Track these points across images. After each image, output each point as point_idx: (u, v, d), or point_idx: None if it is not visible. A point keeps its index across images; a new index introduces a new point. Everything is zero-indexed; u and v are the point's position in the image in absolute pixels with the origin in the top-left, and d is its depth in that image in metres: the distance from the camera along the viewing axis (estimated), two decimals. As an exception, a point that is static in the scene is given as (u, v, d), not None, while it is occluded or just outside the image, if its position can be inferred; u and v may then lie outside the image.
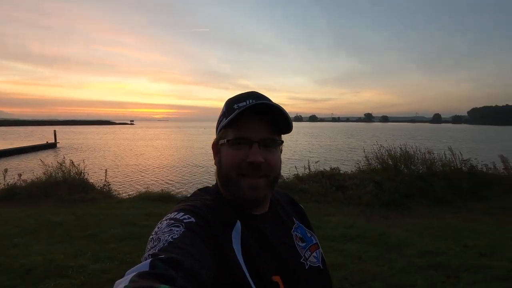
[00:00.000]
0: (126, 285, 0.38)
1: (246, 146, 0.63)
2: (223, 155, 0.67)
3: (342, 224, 4.53)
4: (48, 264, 3.09)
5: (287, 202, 0.82)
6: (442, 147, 8.34)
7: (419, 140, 29.89)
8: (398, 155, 7.36)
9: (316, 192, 6.45)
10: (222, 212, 0.63)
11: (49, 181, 6.81)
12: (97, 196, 6.50)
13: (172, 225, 0.54)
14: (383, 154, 7.63)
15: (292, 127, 0.68)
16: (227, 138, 0.66)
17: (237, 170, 0.64)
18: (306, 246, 0.72)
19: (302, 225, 0.77)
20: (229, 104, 0.69)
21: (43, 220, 4.65)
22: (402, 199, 5.99)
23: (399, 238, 3.94)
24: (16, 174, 7.26)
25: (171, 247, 0.48)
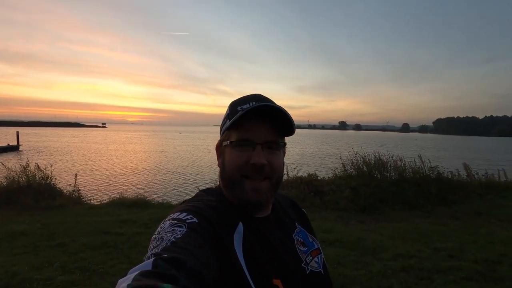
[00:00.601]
0: (129, 283, 0.38)
1: (249, 148, 0.64)
2: (227, 157, 0.67)
3: (321, 229, 4.59)
4: (10, 277, 2.84)
5: (289, 206, 0.82)
6: (412, 155, 8.79)
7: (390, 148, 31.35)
8: (372, 162, 7.65)
9: (294, 197, 6.50)
10: (225, 213, 0.63)
11: (12, 187, 6.31)
12: (65, 203, 6.11)
13: (175, 225, 0.54)
14: (358, 161, 7.90)
15: (295, 129, 0.68)
16: (230, 139, 0.66)
17: (240, 172, 0.64)
18: (307, 251, 0.72)
19: (304, 229, 0.77)
20: (232, 106, 0.69)
21: (5, 229, 4.28)
22: (377, 204, 6.21)
23: (375, 242, 4.06)
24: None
25: (174, 247, 0.49)
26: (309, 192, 6.76)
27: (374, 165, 7.60)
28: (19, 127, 68.13)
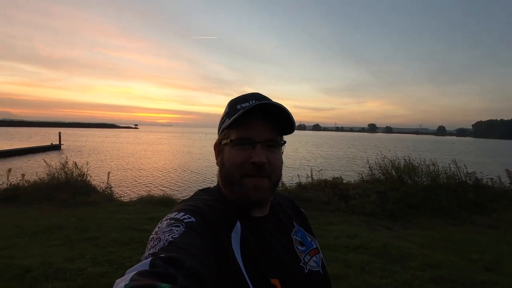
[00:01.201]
0: (127, 283, 0.38)
1: (249, 146, 0.64)
2: (226, 155, 0.67)
3: (345, 234, 4.46)
4: (47, 266, 3.05)
5: (289, 206, 0.81)
6: (447, 160, 8.27)
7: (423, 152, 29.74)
8: (402, 166, 7.31)
9: (319, 200, 6.39)
10: (223, 212, 0.63)
11: (52, 183, 6.81)
12: (98, 199, 6.48)
13: (172, 225, 0.54)
14: (386, 165, 7.58)
15: (295, 127, 0.68)
16: (230, 138, 0.65)
17: (240, 171, 0.64)
18: (306, 250, 0.72)
19: (302, 229, 0.77)
20: (232, 105, 0.69)
21: (43, 222, 4.62)
22: (406, 210, 5.91)
23: (402, 250, 3.86)
24: (20, 174, 7.28)
25: (172, 247, 0.48)
26: (334, 195, 6.60)
27: (404, 170, 7.26)
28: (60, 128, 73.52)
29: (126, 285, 0.38)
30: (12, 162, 17.15)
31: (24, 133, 63.79)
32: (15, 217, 4.99)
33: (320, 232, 4.54)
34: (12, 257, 3.24)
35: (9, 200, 6.27)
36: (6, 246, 3.60)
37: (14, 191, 6.56)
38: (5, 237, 3.89)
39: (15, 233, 4.08)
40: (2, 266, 3.01)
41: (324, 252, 2.93)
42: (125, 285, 0.38)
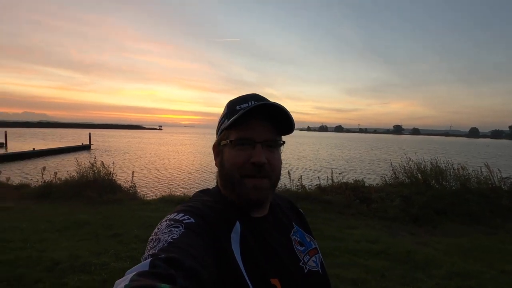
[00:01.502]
0: (127, 284, 0.38)
1: (249, 146, 0.64)
2: (226, 156, 0.67)
3: (366, 238, 4.33)
4: (74, 260, 3.23)
5: (287, 206, 0.82)
6: (479, 163, 7.80)
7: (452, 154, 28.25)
8: (428, 169, 6.98)
9: (339, 203, 6.25)
10: (222, 213, 0.63)
11: (81, 181, 7.19)
12: (123, 197, 6.75)
13: (171, 226, 0.54)
14: (412, 167, 7.27)
15: (294, 127, 0.68)
16: (229, 139, 0.66)
17: (240, 171, 0.64)
18: (305, 250, 0.72)
19: (301, 229, 0.77)
20: (231, 106, 0.70)
21: (73, 218, 4.89)
22: (432, 215, 5.63)
23: (426, 257, 3.68)
24: (53, 172, 7.75)
25: (171, 247, 0.49)
26: (354, 198, 6.43)
27: (430, 173, 6.93)
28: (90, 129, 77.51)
29: (126, 285, 0.38)
30: (47, 161, 18.30)
31: (58, 134, 67.95)
32: (47, 212, 5.32)
33: (340, 235, 4.44)
34: (43, 250, 3.45)
35: (43, 196, 6.70)
36: (39, 239, 3.85)
37: (47, 188, 7.00)
38: (39, 231, 4.15)
39: (47, 228, 4.34)
40: (35, 258, 3.22)
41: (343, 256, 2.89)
42: (125, 285, 0.38)
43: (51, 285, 2.68)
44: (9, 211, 5.31)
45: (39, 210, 5.45)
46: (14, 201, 6.23)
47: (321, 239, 4.24)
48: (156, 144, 43.55)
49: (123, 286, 0.38)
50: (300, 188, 7.19)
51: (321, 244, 3.91)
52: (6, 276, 2.77)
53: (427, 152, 21.14)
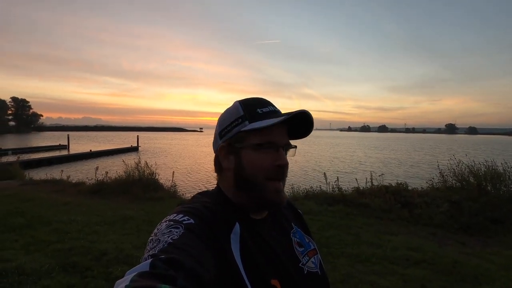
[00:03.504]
0: (127, 284, 0.38)
1: (272, 150, 0.65)
2: (247, 159, 0.66)
3: (406, 246, 4.05)
4: (119, 252, 3.52)
5: (286, 207, 0.82)
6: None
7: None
8: (482, 173, 6.29)
9: (378, 207, 5.93)
10: (222, 214, 0.63)
11: (128, 180, 7.80)
12: (164, 196, 7.18)
13: (171, 227, 0.55)
14: (463, 170, 6.62)
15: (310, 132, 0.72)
16: (252, 141, 0.65)
17: (264, 174, 0.65)
18: (304, 251, 0.72)
19: (300, 230, 0.77)
20: (248, 108, 0.69)
21: (120, 213, 5.33)
22: (487, 223, 5.07)
23: (477, 269, 3.33)
24: (104, 171, 8.52)
25: (171, 248, 0.49)
26: (395, 203, 6.04)
27: (485, 176, 6.24)
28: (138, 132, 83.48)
29: (126, 286, 0.38)
30: (101, 161, 20.14)
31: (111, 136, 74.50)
32: (99, 207, 5.86)
33: (378, 241, 4.22)
34: (94, 241, 3.83)
35: (95, 193, 7.40)
36: (90, 231, 4.27)
37: (99, 186, 7.72)
38: (90, 224, 4.61)
39: (98, 221, 4.80)
40: (86, 248, 3.58)
41: (380, 263, 2.79)
42: (126, 286, 0.38)
43: (98, 273, 2.96)
44: (67, 205, 5.96)
45: (92, 205, 6.04)
46: (71, 197, 6.97)
47: (357, 244, 4.08)
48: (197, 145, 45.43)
49: (124, 287, 0.38)
50: (336, 190, 6.98)
51: (357, 249, 3.76)
52: (62, 262, 3.12)
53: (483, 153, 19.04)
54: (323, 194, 6.75)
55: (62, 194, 7.23)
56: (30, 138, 57.68)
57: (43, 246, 3.62)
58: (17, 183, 8.49)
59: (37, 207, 5.60)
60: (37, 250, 3.50)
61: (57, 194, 7.17)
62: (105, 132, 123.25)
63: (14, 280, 2.70)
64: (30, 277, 2.78)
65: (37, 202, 6.06)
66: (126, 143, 41.16)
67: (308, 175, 15.16)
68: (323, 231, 4.60)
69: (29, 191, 7.37)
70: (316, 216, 5.41)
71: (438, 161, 8.01)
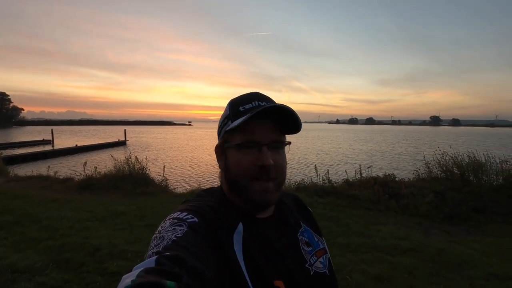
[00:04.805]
0: (133, 279, 0.39)
1: (255, 149, 0.62)
2: (231, 159, 0.65)
3: (394, 235, 4.21)
4: (112, 247, 3.51)
5: (294, 205, 0.80)
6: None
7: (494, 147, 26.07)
8: (465, 163, 6.54)
9: (367, 199, 6.10)
10: (225, 213, 0.62)
11: (118, 175, 7.70)
12: (155, 190, 7.14)
13: (175, 224, 0.55)
14: (447, 161, 6.86)
15: (300, 127, 0.66)
16: (234, 142, 0.64)
17: (247, 174, 0.63)
18: (312, 251, 0.70)
19: (309, 228, 0.75)
20: (233, 106, 0.68)
21: (110, 209, 5.28)
22: (470, 213, 5.30)
23: (461, 257, 3.51)
24: (93, 166, 8.38)
25: (175, 246, 0.49)
26: (383, 194, 6.23)
27: (467, 167, 6.49)
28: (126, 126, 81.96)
29: (132, 281, 0.38)
30: (88, 156, 19.70)
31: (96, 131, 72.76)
32: (89, 203, 5.78)
33: (367, 232, 4.36)
34: (86, 238, 3.79)
35: (85, 189, 7.28)
36: (81, 228, 4.22)
37: (88, 181, 7.60)
38: (81, 220, 4.55)
39: (89, 217, 4.74)
40: (79, 244, 3.55)
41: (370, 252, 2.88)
42: (132, 281, 0.38)
43: (93, 268, 2.95)
44: (56, 202, 5.86)
45: (81, 201, 5.95)
46: (60, 193, 6.84)
47: (347, 234, 4.20)
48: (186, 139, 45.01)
49: (130, 281, 0.38)
50: (327, 182, 7.11)
51: (347, 239, 3.87)
52: (56, 259, 3.09)
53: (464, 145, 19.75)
54: (314, 186, 6.88)
55: (49, 191, 7.08)
56: (12, 133, 55.67)
57: (34, 243, 3.56)
58: (1, 180, 8.25)
59: (25, 204, 5.48)
60: (28, 247, 3.45)
61: (45, 191, 7.02)
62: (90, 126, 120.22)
63: (7, 278, 2.66)
64: (23, 274, 2.75)
65: (24, 199, 5.92)
66: (113, 137, 40.34)
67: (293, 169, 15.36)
68: (314, 222, 4.71)
69: (15, 188, 7.19)
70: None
71: (424, 152, 8.26)
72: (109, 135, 50.81)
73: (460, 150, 7.19)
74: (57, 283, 2.66)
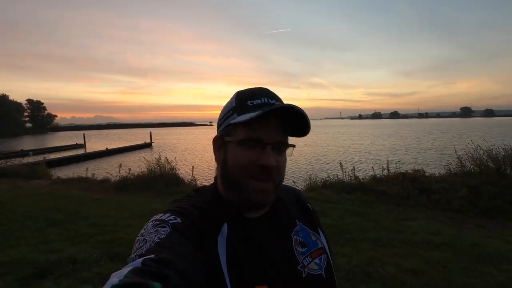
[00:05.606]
0: (121, 279, 0.38)
1: (258, 148, 0.59)
2: (230, 154, 0.61)
3: (426, 230, 4.19)
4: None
5: (293, 201, 0.75)
6: None
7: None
8: (501, 156, 6.29)
9: (396, 194, 6.05)
10: (210, 214, 0.60)
11: (150, 175, 8.14)
12: (186, 189, 7.46)
13: (158, 226, 0.53)
14: (481, 155, 6.62)
15: (309, 131, 0.62)
16: (237, 136, 0.60)
17: (245, 172, 0.59)
18: (306, 252, 0.66)
19: (306, 227, 0.70)
20: (241, 99, 0.64)
21: (148, 207, 5.65)
22: (506, 207, 5.12)
23: (497, 251, 3.45)
24: (127, 168, 8.89)
25: (159, 247, 0.48)
26: (413, 189, 6.14)
27: (504, 160, 6.23)
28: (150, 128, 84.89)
29: (120, 280, 0.38)
30: (118, 158, 20.78)
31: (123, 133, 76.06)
32: (127, 202, 6.20)
33: (397, 227, 4.37)
34: (130, 233, 4.12)
35: (120, 189, 7.77)
36: (125, 224, 4.58)
37: (123, 182, 8.09)
38: (124, 218, 4.93)
39: (129, 215, 5.12)
40: (125, 239, 3.88)
41: (401, 247, 3.01)
42: (119, 280, 0.38)
43: (140, 261, 3.25)
44: (98, 201, 6.33)
45: (120, 201, 6.38)
46: (99, 193, 7.36)
47: (377, 230, 4.24)
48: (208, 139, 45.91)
49: (117, 281, 0.38)
50: (353, 178, 7.11)
51: (377, 234, 3.94)
52: (107, 252, 3.43)
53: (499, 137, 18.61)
54: (341, 183, 6.90)
55: (90, 191, 7.63)
56: (47, 139, 59.67)
57: (86, 238, 3.95)
58: (47, 182, 8.98)
59: (71, 204, 5.99)
60: (81, 242, 3.83)
61: (86, 191, 7.58)
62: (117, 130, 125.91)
63: (69, 268, 3.01)
64: (82, 265, 3.09)
65: (69, 199, 6.47)
66: (139, 139, 42.01)
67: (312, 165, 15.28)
68: (343, 218, 4.78)
69: (60, 189, 7.82)
70: (335, 204, 5.58)
71: (455, 146, 8.00)
72: (135, 137, 52.96)
73: (494, 142, 6.90)
74: (112, 273, 2.96)
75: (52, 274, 2.92)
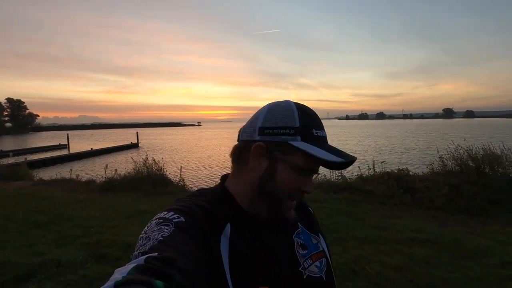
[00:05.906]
0: (124, 275, 0.39)
1: (305, 175, 0.62)
2: (281, 174, 0.61)
3: (410, 228, 4.32)
4: (142, 243, 3.75)
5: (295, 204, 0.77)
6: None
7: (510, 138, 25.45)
8: (480, 156, 6.55)
9: (381, 193, 6.19)
10: (214, 213, 0.61)
11: (137, 176, 8.01)
12: (174, 190, 7.40)
13: (161, 224, 0.53)
14: (461, 154, 6.87)
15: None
16: (295, 160, 0.60)
17: (290, 193, 0.62)
18: (307, 254, 0.67)
19: (307, 230, 0.72)
20: (305, 123, 0.62)
21: (135, 208, 5.56)
22: (485, 205, 5.34)
23: (477, 247, 3.60)
24: (113, 169, 8.71)
25: (162, 245, 0.48)
26: (398, 188, 6.30)
27: (483, 159, 6.50)
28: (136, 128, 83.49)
29: (123, 277, 0.38)
30: (104, 159, 20.33)
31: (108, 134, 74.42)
32: (113, 203, 6.08)
33: (383, 225, 4.48)
34: (117, 234, 4.06)
35: (106, 190, 7.61)
36: (111, 226, 4.50)
37: (109, 183, 7.93)
38: (109, 219, 4.83)
39: (116, 216, 5.02)
40: (111, 240, 3.81)
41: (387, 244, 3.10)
42: (122, 277, 0.38)
43: (129, 260, 3.19)
44: (82, 202, 6.18)
45: (106, 202, 6.26)
46: (84, 194, 7.18)
47: (363, 228, 4.34)
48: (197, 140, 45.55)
49: (120, 277, 0.38)
50: (340, 178, 7.23)
51: (364, 233, 4.03)
52: (93, 254, 3.35)
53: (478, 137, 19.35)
54: (328, 183, 7.00)
55: (74, 192, 7.43)
56: (28, 139, 57.66)
57: (71, 240, 3.86)
58: (29, 183, 8.69)
59: (54, 205, 5.82)
60: (66, 244, 3.74)
61: (70, 193, 7.38)
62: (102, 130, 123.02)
63: (53, 272, 2.93)
64: (67, 268, 3.01)
65: (52, 201, 6.28)
66: (126, 140, 41.22)
67: None
68: (330, 217, 4.85)
69: (42, 190, 7.58)
70: (323, 203, 5.66)
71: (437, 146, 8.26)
72: (121, 137, 51.91)
73: (474, 142, 7.18)
74: (98, 276, 2.90)
75: (35, 277, 2.84)
